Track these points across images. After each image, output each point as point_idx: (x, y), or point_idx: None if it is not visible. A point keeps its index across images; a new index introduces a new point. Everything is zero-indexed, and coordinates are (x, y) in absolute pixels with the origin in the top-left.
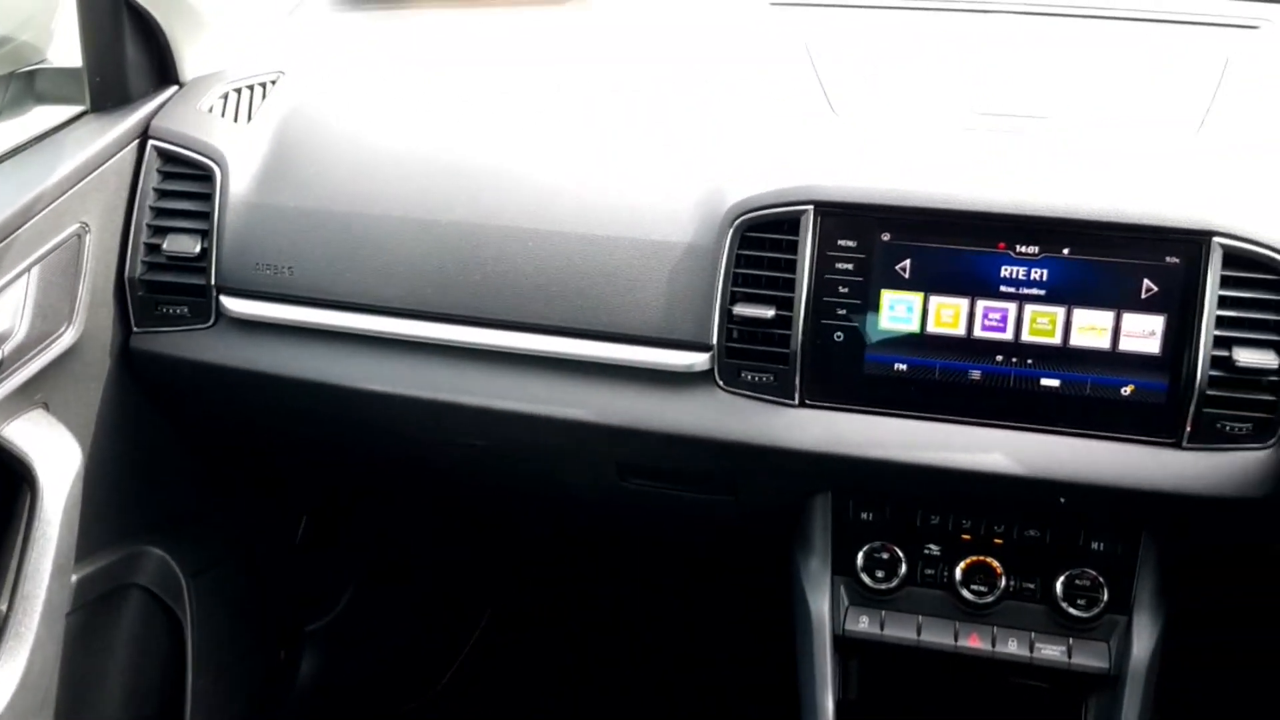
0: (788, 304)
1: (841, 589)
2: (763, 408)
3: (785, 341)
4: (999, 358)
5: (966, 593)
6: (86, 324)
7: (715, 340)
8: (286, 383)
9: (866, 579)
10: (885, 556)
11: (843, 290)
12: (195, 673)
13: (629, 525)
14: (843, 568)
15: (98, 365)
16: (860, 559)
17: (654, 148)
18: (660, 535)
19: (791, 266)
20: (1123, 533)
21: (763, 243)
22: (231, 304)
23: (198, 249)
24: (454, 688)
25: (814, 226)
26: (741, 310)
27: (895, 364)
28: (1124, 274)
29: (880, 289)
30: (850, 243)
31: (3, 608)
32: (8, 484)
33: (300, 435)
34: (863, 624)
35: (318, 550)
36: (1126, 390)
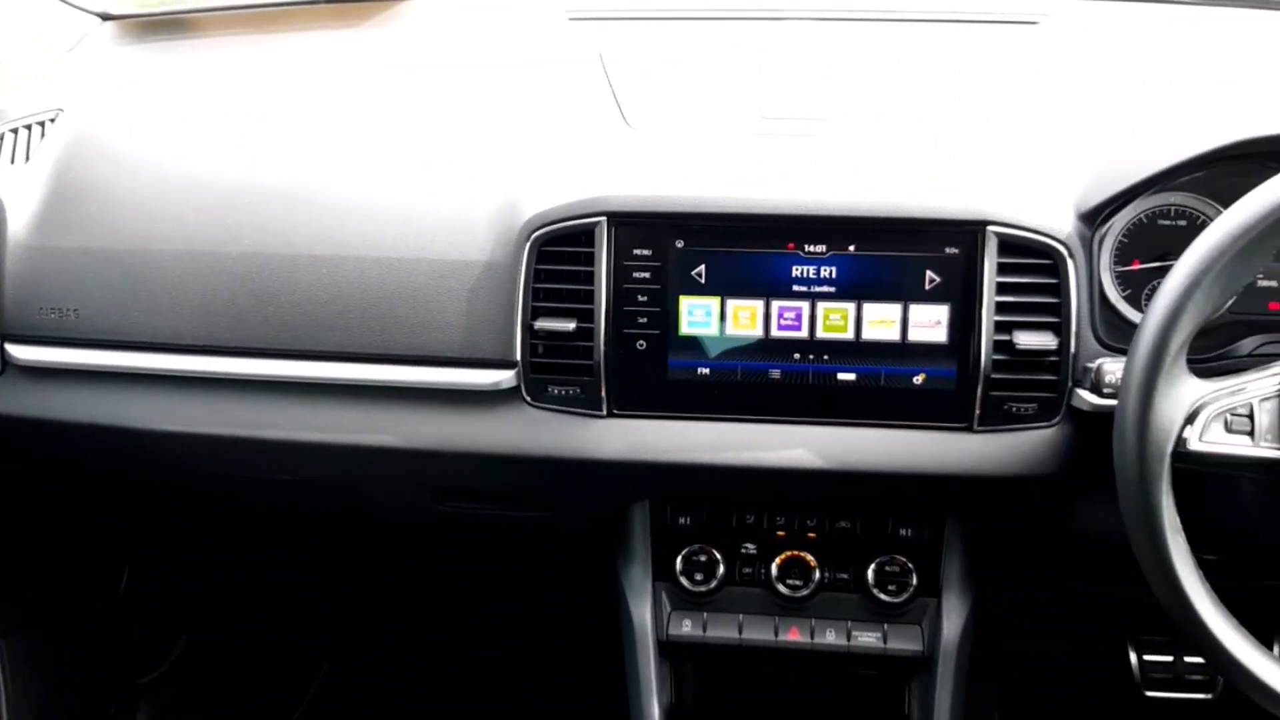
0: (588, 316)
1: (663, 594)
2: (571, 421)
3: (589, 353)
4: (796, 355)
5: (783, 588)
6: None
7: (519, 356)
8: (82, 429)
9: (686, 582)
10: (703, 559)
11: (641, 299)
12: None
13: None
14: (663, 573)
15: None
16: (679, 563)
17: (447, 166)
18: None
19: (590, 278)
20: (927, 518)
21: (560, 256)
22: (18, 351)
23: None
24: None
25: (609, 237)
26: (543, 324)
27: (698, 368)
28: (908, 267)
29: (678, 295)
30: (646, 251)
31: None
32: None
33: (106, 481)
34: (686, 627)
35: (145, 601)
36: (918, 379)
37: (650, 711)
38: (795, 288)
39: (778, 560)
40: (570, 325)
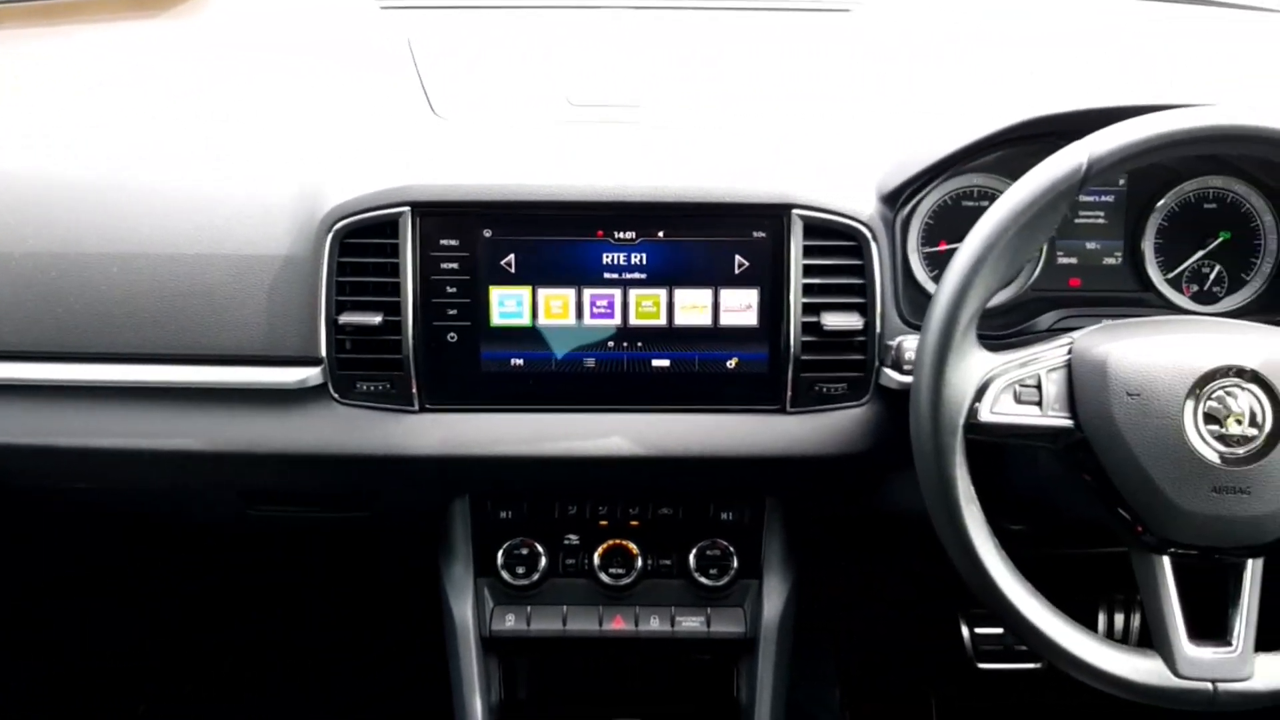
0: (395, 309)
1: (486, 590)
2: (382, 417)
3: (397, 347)
4: (610, 343)
5: (605, 577)
6: None
7: (324, 353)
8: None
9: (508, 576)
10: (525, 552)
11: (450, 290)
12: None
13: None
14: (485, 569)
15: None
16: (500, 557)
17: (244, 156)
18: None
19: (395, 270)
20: (747, 501)
21: (364, 248)
22: None
23: None
24: None
25: (413, 228)
26: (348, 319)
27: (511, 359)
28: (717, 252)
29: (488, 285)
30: (453, 242)
31: None
32: None
33: None
34: (509, 622)
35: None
36: (731, 363)
37: (473, 709)
38: (606, 275)
39: (600, 550)
40: (376, 319)
